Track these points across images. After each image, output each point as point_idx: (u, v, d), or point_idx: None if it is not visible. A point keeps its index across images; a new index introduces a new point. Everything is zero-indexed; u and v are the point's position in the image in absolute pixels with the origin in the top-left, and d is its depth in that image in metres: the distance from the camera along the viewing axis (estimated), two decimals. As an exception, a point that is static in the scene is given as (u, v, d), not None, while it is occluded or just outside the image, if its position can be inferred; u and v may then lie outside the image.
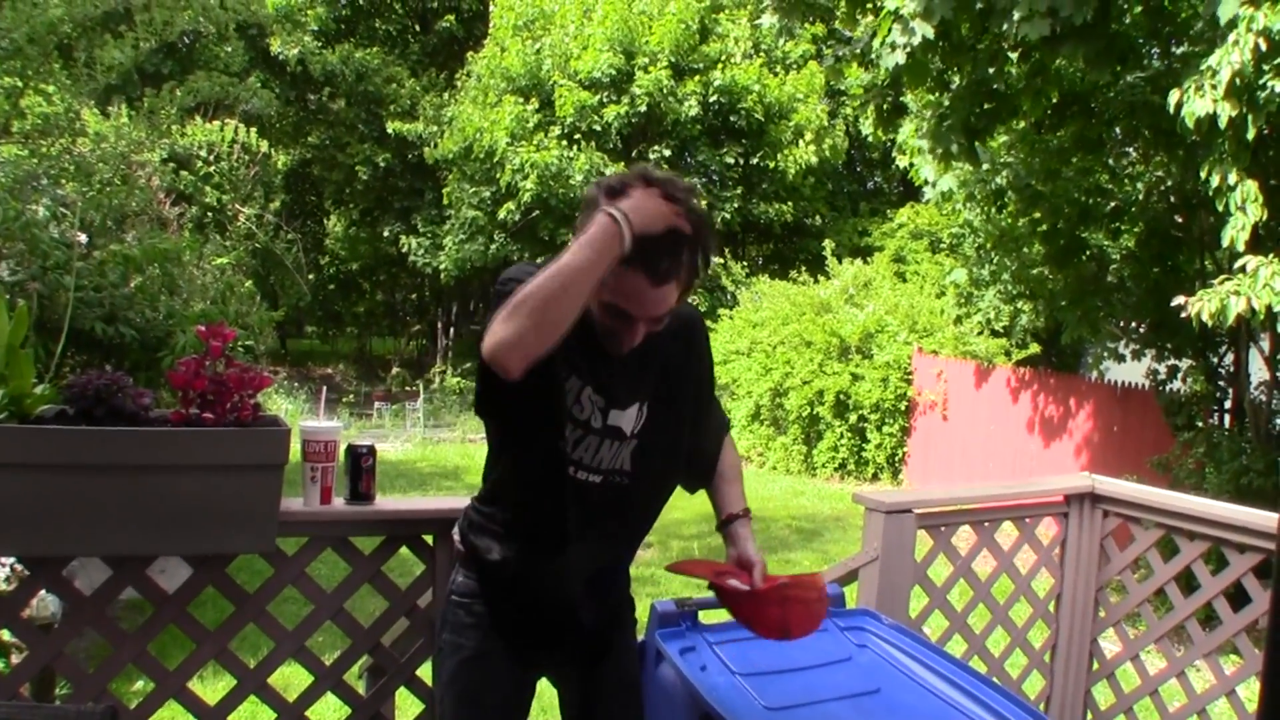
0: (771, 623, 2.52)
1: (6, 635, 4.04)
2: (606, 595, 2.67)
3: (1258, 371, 9.66)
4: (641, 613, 2.81)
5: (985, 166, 10.00)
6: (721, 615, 3.13)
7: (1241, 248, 7.08)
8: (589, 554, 2.54)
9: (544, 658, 2.65)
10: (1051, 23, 6.91)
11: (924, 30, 7.44)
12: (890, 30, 7.79)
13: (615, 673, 2.71)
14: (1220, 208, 7.23)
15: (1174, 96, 6.97)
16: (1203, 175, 7.26)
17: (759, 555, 2.59)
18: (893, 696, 2.77)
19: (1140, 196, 9.71)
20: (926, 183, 10.64)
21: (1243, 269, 7.07)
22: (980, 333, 14.74)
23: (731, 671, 2.74)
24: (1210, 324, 7.12)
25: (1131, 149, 10.14)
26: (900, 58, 7.80)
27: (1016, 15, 6.99)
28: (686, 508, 2.87)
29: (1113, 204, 9.90)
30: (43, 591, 3.09)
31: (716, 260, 20.58)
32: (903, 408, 15.27)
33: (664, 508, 2.71)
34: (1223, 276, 7.26)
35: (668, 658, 2.76)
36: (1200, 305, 7.10)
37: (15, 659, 4.20)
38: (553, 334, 2.06)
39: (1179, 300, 7.42)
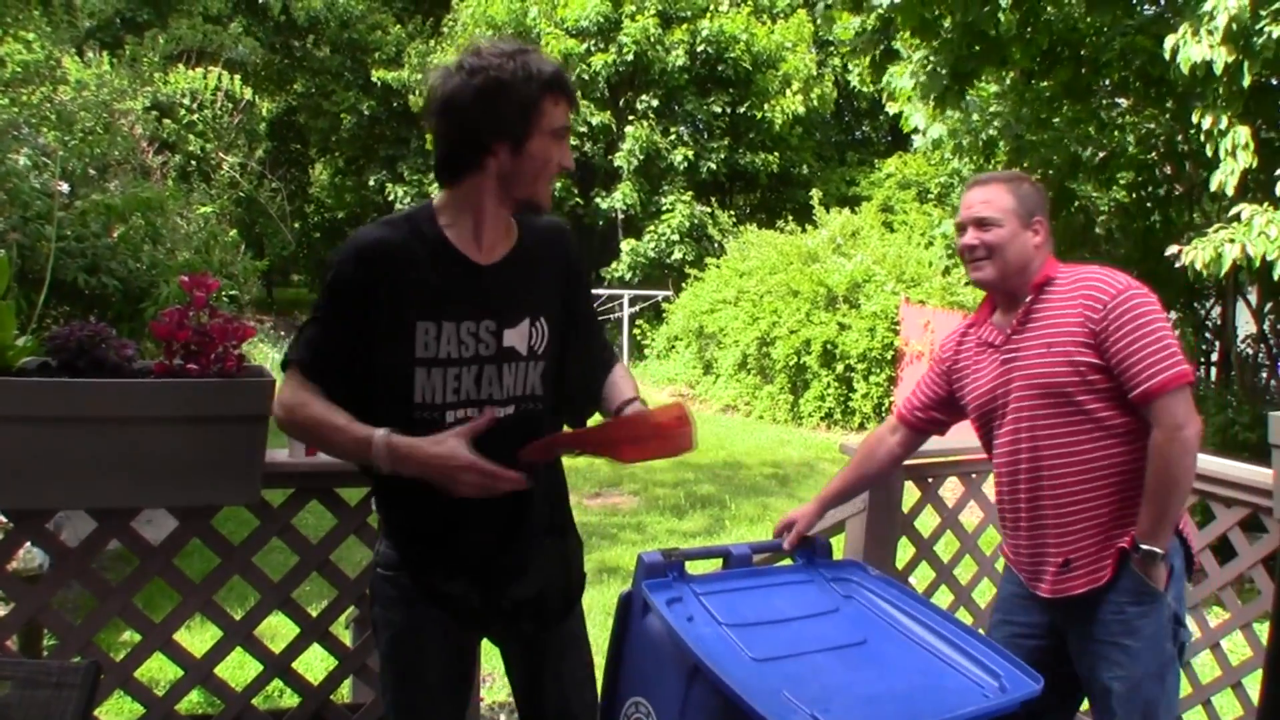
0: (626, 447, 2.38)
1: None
2: (541, 543, 2.54)
3: (1244, 325, 9.68)
4: (628, 561, 2.78)
5: (975, 117, 9.95)
6: (709, 565, 3.12)
7: (1230, 193, 7.07)
8: (510, 494, 2.35)
9: (481, 621, 2.52)
10: None
11: None
12: None
13: (560, 629, 2.62)
14: (1210, 153, 7.20)
15: (1170, 41, 6.93)
16: (1194, 119, 7.23)
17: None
18: (879, 648, 2.76)
19: (1130, 147, 9.68)
20: (916, 130, 10.58)
21: (1236, 217, 7.05)
22: (968, 283, 14.72)
23: (718, 622, 2.72)
24: (1205, 273, 7.09)
25: (1121, 100, 10.09)
26: None
27: None
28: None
29: (1101, 155, 9.87)
30: (29, 543, 3.07)
31: (703, 210, 20.56)
32: (889, 357, 15.28)
33: None
34: (1216, 225, 7.23)
35: (654, 609, 2.72)
36: (1194, 254, 7.07)
37: (2, 611, 4.20)
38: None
39: (1172, 250, 7.38)
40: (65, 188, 6.55)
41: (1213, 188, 7.22)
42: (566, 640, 2.64)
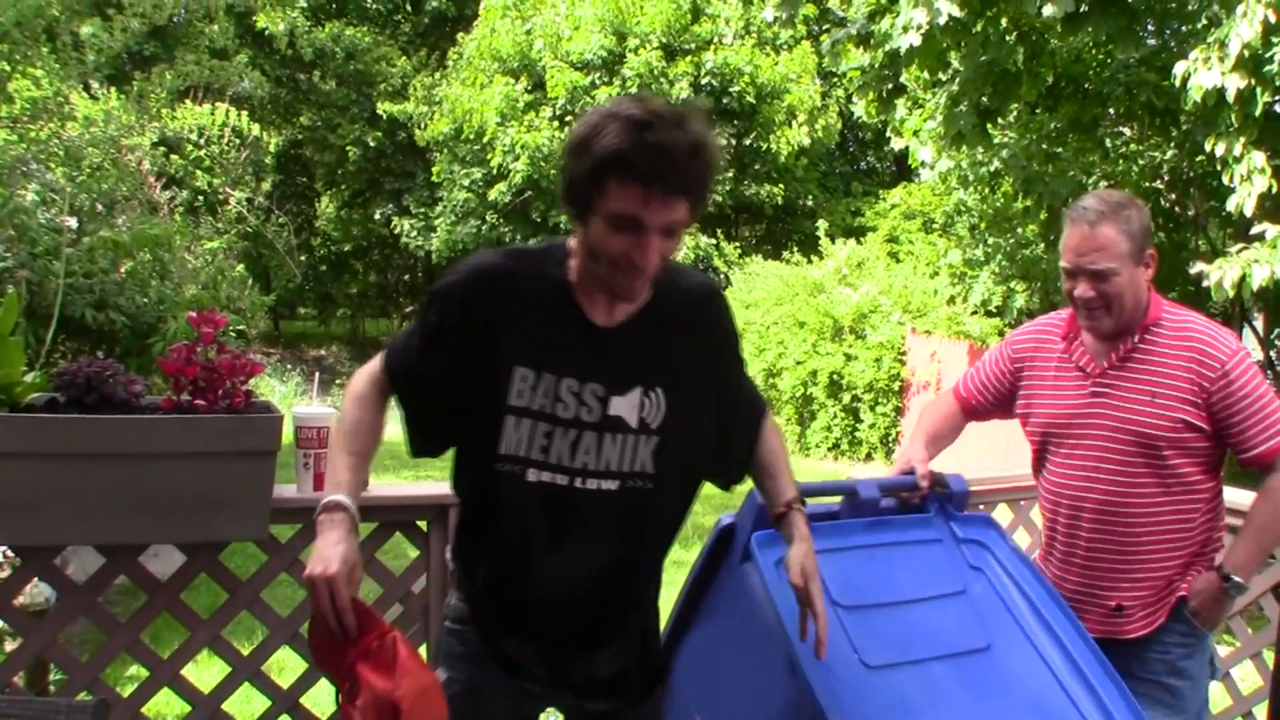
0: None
1: (0, 624, 4.02)
2: (625, 622, 2.38)
3: (1252, 352, 9.67)
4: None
5: (979, 151, 9.98)
6: (827, 503, 2.80)
7: (1250, 214, 7.10)
8: (600, 572, 2.25)
9: (548, 692, 2.38)
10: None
11: (949, 8, 7.38)
12: (901, 12, 7.77)
13: (640, 709, 2.44)
14: (1227, 179, 7.23)
15: (1180, 68, 6.97)
16: (1208, 148, 7.26)
17: (800, 559, 2.29)
18: (1001, 659, 2.53)
19: (1135, 176, 9.70)
20: (923, 164, 10.62)
21: (1260, 236, 7.07)
22: (974, 313, 14.75)
23: (831, 600, 2.41)
24: (1231, 293, 7.09)
25: (1126, 129, 10.12)
26: (915, 39, 7.77)
27: None
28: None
29: (1107, 184, 9.89)
30: (36, 579, 3.07)
31: (709, 241, 20.55)
32: (896, 388, 15.25)
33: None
34: (1240, 245, 7.24)
35: (757, 565, 2.45)
36: (1221, 273, 7.07)
37: (10, 646, 4.19)
38: None
39: (1198, 268, 7.38)
40: (73, 223, 6.56)
41: (1230, 208, 7.26)
42: None
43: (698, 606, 2.66)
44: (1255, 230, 7.12)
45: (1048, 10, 6.96)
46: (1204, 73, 6.79)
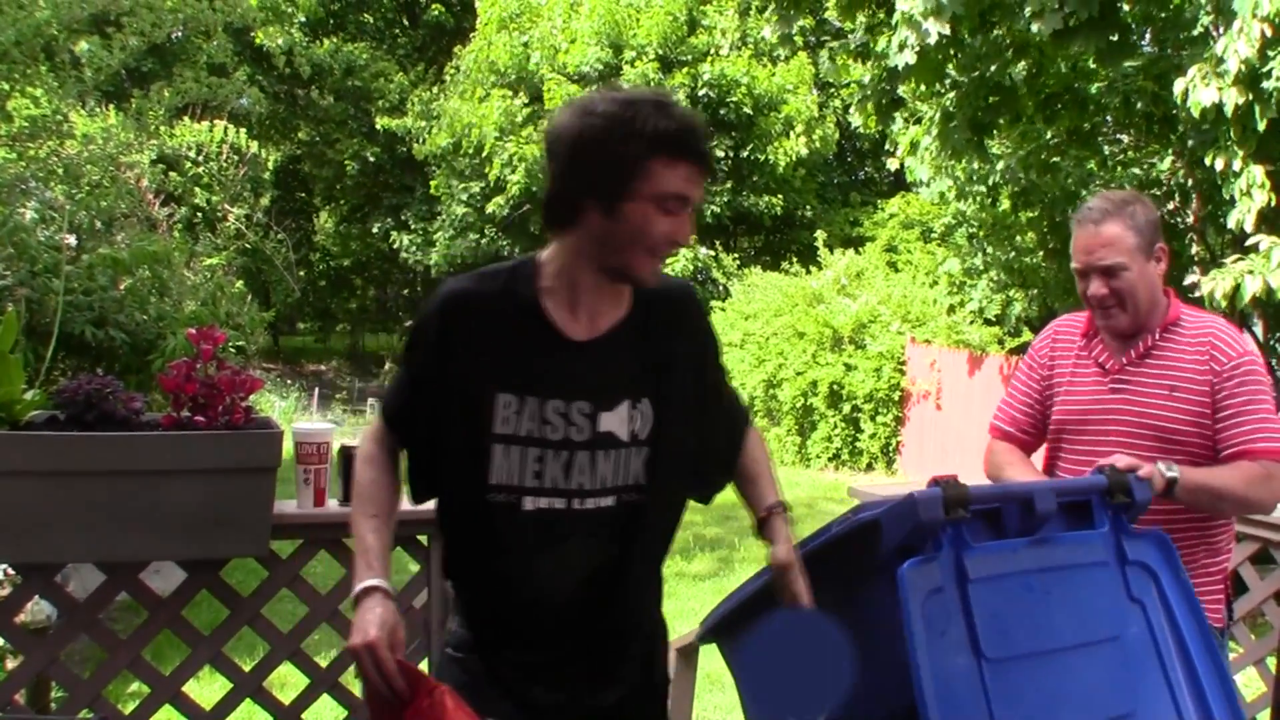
0: None
1: (1, 641, 4.02)
2: (630, 640, 2.31)
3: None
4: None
5: (976, 164, 10.00)
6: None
7: (1250, 229, 7.12)
8: (594, 587, 2.20)
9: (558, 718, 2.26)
10: (1063, 16, 6.92)
11: (937, 29, 7.43)
12: (898, 30, 7.81)
13: None
14: (1227, 195, 7.26)
15: (1179, 85, 6.98)
16: (1207, 162, 7.29)
17: (787, 555, 2.26)
18: None
19: (1133, 184, 9.72)
20: (921, 182, 10.64)
21: (1254, 248, 7.09)
22: (973, 322, 14.76)
23: (976, 652, 2.16)
24: (1224, 303, 7.10)
25: (1123, 136, 10.14)
26: (910, 58, 7.81)
27: (1028, 10, 7.00)
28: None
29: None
30: (37, 596, 3.07)
31: (708, 253, 20.57)
32: (896, 398, 15.27)
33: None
34: (1235, 256, 7.26)
35: (904, 599, 2.08)
36: (1214, 285, 7.09)
37: (11, 664, 4.19)
38: None
39: (1192, 279, 7.41)
40: (72, 241, 6.56)
41: (1231, 224, 7.29)
42: None
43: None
44: (1250, 241, 7.15)
45: (1036, 26, 7.00)
46: (1203, 89, 6.80)
